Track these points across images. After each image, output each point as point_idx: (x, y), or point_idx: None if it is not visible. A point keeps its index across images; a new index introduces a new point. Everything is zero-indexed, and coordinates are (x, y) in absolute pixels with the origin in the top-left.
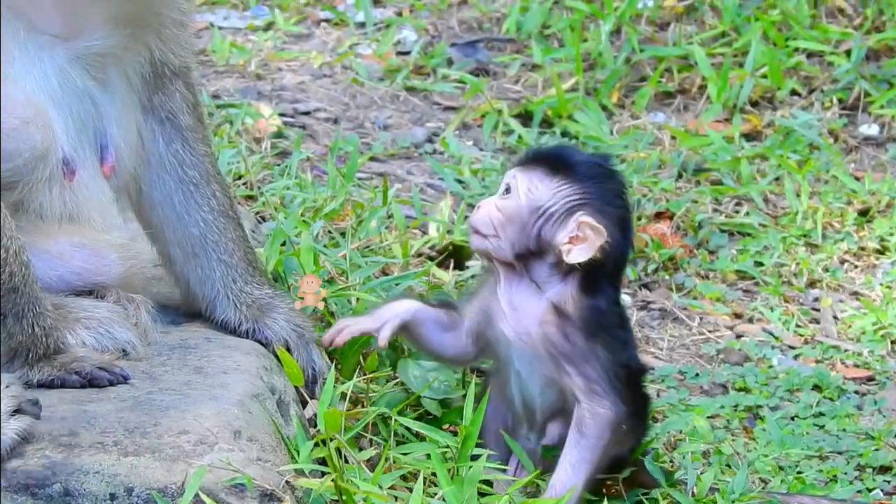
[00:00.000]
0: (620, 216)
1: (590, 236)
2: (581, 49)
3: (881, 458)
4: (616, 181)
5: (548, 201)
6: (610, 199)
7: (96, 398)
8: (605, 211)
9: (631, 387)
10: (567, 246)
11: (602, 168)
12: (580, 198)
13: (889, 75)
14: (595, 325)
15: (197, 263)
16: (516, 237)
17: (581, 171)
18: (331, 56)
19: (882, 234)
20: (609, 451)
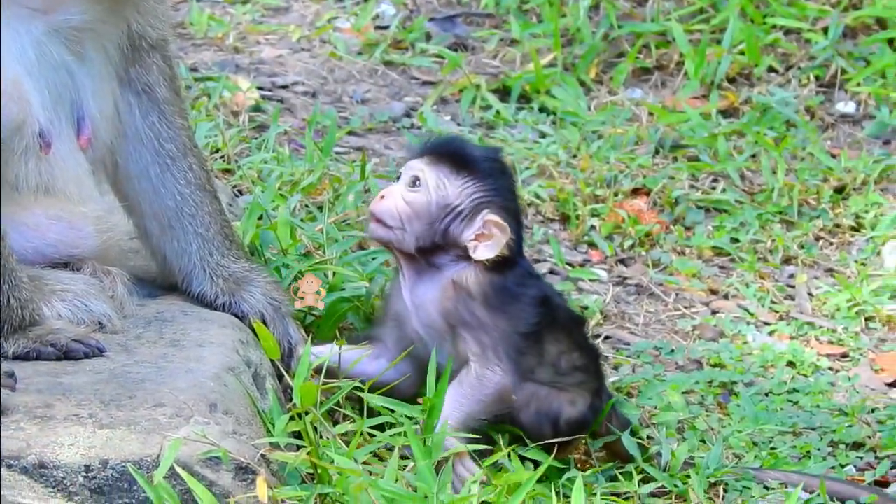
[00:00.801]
0: (516, 210)
1: (496, 234)
2: (559, 24)
3: (854, 434)
4: (510, 176)
5: (456, 199)
6: (509, 195)
7: (72, 371)
8: (507, 207)
9: (575, 346)
10: (474, 243)
11: (500, 164)
12: (485, 196)
13: (866, 53)
14: (496, 299)
15: (173, 236)
16: (422, 232)
17: (484, 168)
18: (309, 30)
19: (857, 211)
20: (492, 409)
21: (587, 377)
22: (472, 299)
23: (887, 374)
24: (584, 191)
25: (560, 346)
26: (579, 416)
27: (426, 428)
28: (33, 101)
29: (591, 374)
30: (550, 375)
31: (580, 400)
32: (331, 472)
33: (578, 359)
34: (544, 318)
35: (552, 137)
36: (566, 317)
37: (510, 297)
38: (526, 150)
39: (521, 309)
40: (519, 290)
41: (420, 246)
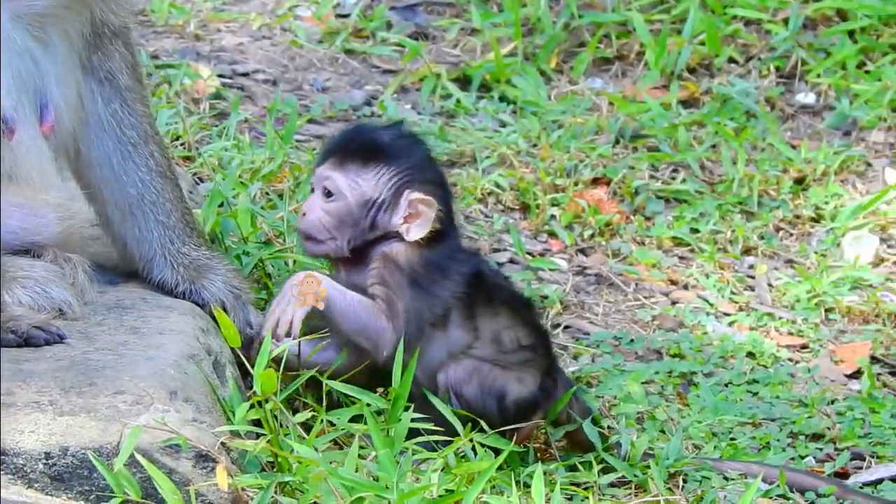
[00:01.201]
0: (439, 178)
1: (424, 211)
2: (520, 14)
3: (814, 425)
4: (422, 146)
5: (373, 192)
6: (426, 166)
7: (32, 357)
8: (427, 180)
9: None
10: (405, 226)
11: (406, 139)
12: (401, 177)
13: (826, 44)
14: (423, 275)
15: (134, 224)
16: (352, 234)
17: (391, 150)
18: (270, 18)
19: (817, 202)
20: (355, 337)
21: (534, 356)
22: (399, 270)
23: (847, 366)
24: (545, 180)
25: (499, 323)
26: (528, 395)
27: (389, 417)
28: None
29: (540, 353)
30: (492, 353)
31: (528, 378)
32: (291, 461)
33: (525, 337)
34: (476, 294)
35: (512, 127)
36: (508, 294)
37: (438, 272)
38: (486, 139)
39: (445, 284)
40: (447, 265)
41: (354, 247)
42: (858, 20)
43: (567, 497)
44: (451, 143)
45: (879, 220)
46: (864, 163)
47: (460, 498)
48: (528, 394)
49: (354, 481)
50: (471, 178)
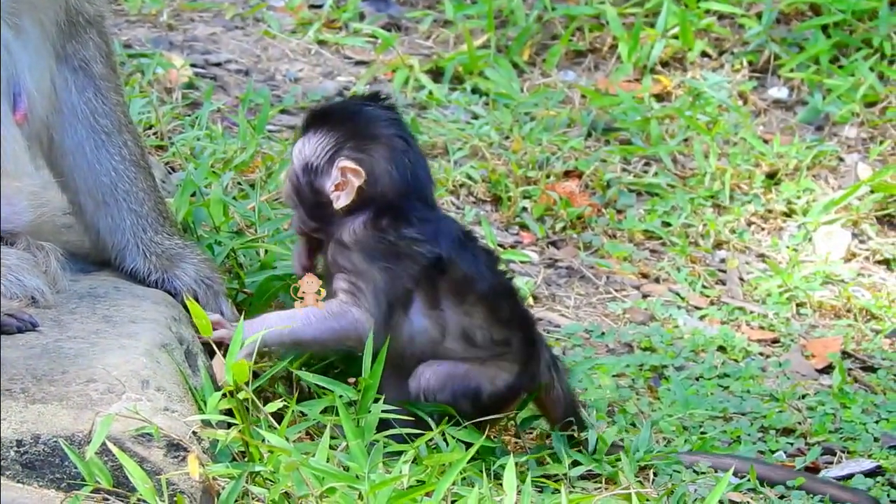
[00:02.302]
0: (385, 146)
1: (350, 179)
2: (493, 6)
3: (784, 419)
4: (369, 115)
5: (312, 157)
6: (368, 134)
7: (5, 345)
8: (364, 148)
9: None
10: (335, 194)
11: (354, 108)
12: (336, 144)
13: (799, 38)
14: (375, 252)
15: (107, 212)
16: (305, 203)
17: (334, 118)
18: (243, 8)
19: (789, 196)
20: (340, 344)
21: (510, 349)
22: (348, 250)
23: (818, 360)
24: (517, 172)
25: (472, 320)
26: (504, 389)
27: (360, 408)
28: None
29: (516, 345)
30: (463, 348)
31: (503, 374)
32: (262, 451)
33: (498, 332)
34: (440, 284)
35: (485, 119)
36: (484, 288)
37: (391, 251)
38: (458, 131)
39: (401, 265)
40: (401, 246)
41: (313, 217)
42: (832, 15)
43: (538, 489)
44: (423, 135)
45: (851, 215)
46: (836, 158)
47: (431, 489)
48: (505, 387)
49: (325, 471)
50: (443, 170)
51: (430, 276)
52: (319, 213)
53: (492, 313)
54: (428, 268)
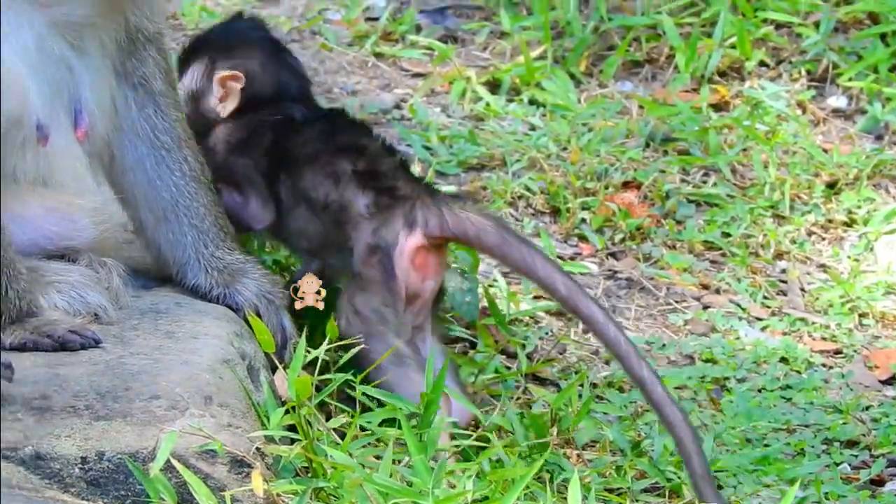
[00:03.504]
0: (256, 49)
1: (231, 86)
2: (549, 17)
3: (848, 431)
4: (233, 29)
5: (191, 84)
6: (236, 44)
7: (68, 362)
8: (236, 56)
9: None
10: (221, 106)
11: (217, 29)
12: (210, 62)
13: (858, 47)
14: (237, 145)
15: (168, 228)
16: (196, 132)
17: (201, 44)
18: (300, 21)
19: (850, 206)
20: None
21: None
22: (213, 153)
23: (881, 371)
24: (575, 184)
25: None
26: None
27: (422, 422)
28: (32, 93)
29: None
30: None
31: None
32: (325, 466)
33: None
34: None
35: (542, 130)
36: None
37: (240, 141)
38: (516, 142)
39: (256, 140)
40: (248, 135)
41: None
42: (890, 23)
43: (601, 502)
44: (480, 147)
45: None
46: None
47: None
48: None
49: (390, 487)
50: (501, 182)
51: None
52: (205, 132)
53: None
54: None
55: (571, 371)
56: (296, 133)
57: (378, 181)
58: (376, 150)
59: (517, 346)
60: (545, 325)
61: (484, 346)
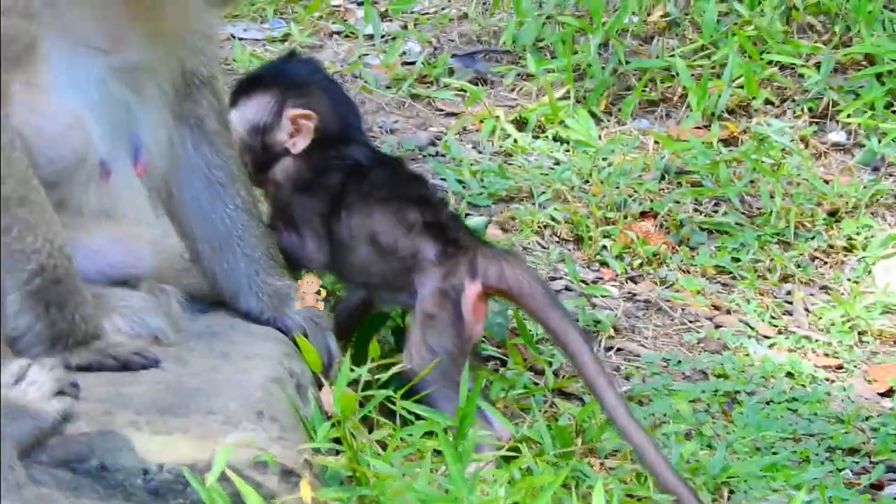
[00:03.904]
0: (321, 90)
1: (304, 124)
2: (572, 60)
3: (850, 440)
4: (300, 66)
5: (256, 117)
6: (303, 83)
7: (130, 381)
8: (305, 94)
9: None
10: (291, 141)
11: (285, 63)
12: (279, 98)
13: (856, 86)
14: (297, 181)
15: (223, 257)
16: (253, 161)
17: (266, 79)
18: (342, 66)
19: (850, 233)
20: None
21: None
22: (278, 185)
23: (879, 385)
24: (597, 214)
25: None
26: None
27: (458, 434)
28: (95, 133)
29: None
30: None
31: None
32: (368, 476)
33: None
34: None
35: (566, 164)
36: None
37: (313, 173)
38: (542, 176)
39: (322, 181)
40: (320, 172)
41: (258, 170)
42: (886, 64)
43: None
44: (509, 180)
45: None
46: (892, 196)
47: None
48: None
49: (428, 494)
50: (528, 212)
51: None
52: (263, 166)
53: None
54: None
55: None
56: (363, 177)
57: (445, 232)
58: (437, 201)
59: (544, 364)
60: None
61: (513, 363)
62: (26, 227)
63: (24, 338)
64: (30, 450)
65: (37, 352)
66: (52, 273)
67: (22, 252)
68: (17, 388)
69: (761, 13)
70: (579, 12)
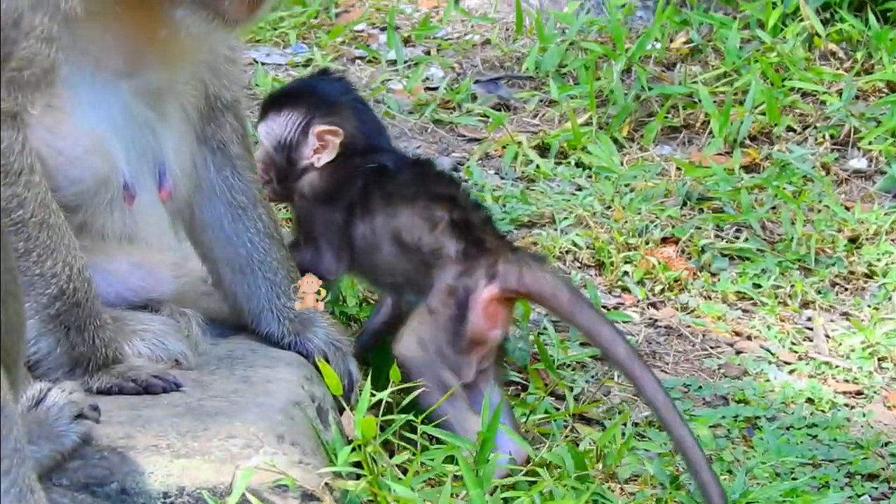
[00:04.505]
0: (347, 105)
1: (330, 140)
2: (594, 87)
3: (869, 466)
4: (329, 82)
5: (284, 133)
6: (330, 100)
7: (151, 404)
8: (332, 111)
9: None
10: (316, 156)
11: (315, 80)
12: (305, 115)
13: (877, 114)
14: (324, 194)
15: (244, 281)
16: (277, 175)
17: (294, 95)
18: (365, 91)
19: (870, 259)
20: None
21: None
22: (305, 198)
23: None
24: (618, 240)
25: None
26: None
27: (478, 458)
28: (119, 157)
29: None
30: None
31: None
32: (389, 500)
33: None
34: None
35: (588, 190)
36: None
37: (337, 183)
38: (564, 202)
39: (345, 190)
40: (343, 183)
41: (282, 185)
42: None
43: None
44: (531, 206)
45: None
46: None
47: None
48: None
49: None
50: (550, 238)
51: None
52: (288, 182)
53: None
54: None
55: (615, 411)
56: (389, 178)
57: (470, 232)
58: (468, 202)
59: (565, 389)
60: (591, 369)
61: (535, 388)
62: (46, 252)
63: (44, 361)
64: (50, 473)
65: (57, 375)
66: (73, 297)
67: (41, 276)
68: (37, 410)
69: (783, 40)
70: (602, 38)
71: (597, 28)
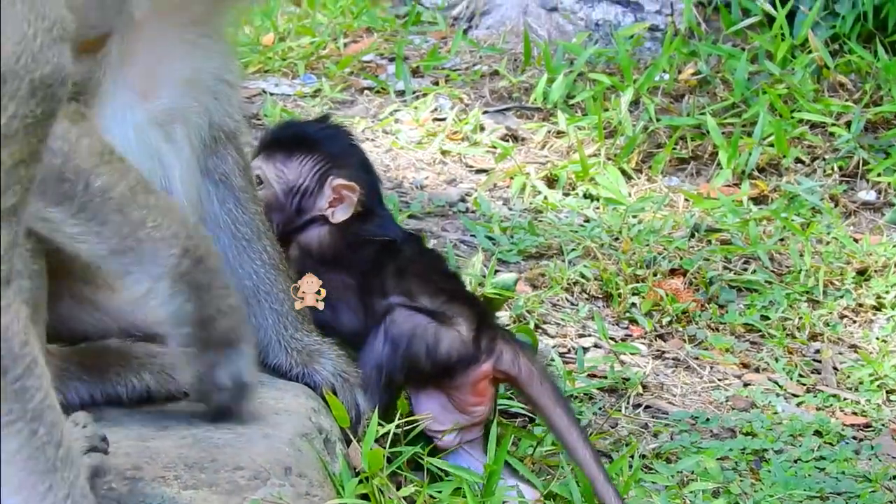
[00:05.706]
0: (360, 164)
1: (347, 195)
2: (602, 118)
3: (878, 499)
4: (343, 136)
5: (298, 179)
6: (346, 154)
7: (158, 436)
8: (348, 165)
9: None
10: (329, 210)
11: (329, 130)
12: (324, 165)
13: (886, 145)
14: (329, 254)
15: (250, 312)
16: (280, 219)
17: (314, 140)
18: (373, 121)
19: (879, 291)
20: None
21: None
22: (310, 256)
23: None
24: (626, 271)
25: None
26: (457, 351)
27: (485, 490)
28: None
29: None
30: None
31: (460, 339)
32: None
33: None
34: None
35: (596, 222)
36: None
37: (346, 250)
38: (572, 233)
39: (355, 257)
40: (356, 240)
41: (283, 231)
42: None
43: None
44: (539, 237)
45: None
46: None
47: None
48: (458, 350)
49: None
50: (558, 269)
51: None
52: (291, 229)
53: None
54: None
55: (623, 443)
56: (397, 252)
57: (476, 306)
58: (460, 277)
59: None
60: (598, 401)
61: (541, 420)
62: (160, 214)
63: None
64: None
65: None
66: (195, 252)
67: (163, 239)
68: None
69: (792, 72)
70: (610, 69)
71: (605, 59)
